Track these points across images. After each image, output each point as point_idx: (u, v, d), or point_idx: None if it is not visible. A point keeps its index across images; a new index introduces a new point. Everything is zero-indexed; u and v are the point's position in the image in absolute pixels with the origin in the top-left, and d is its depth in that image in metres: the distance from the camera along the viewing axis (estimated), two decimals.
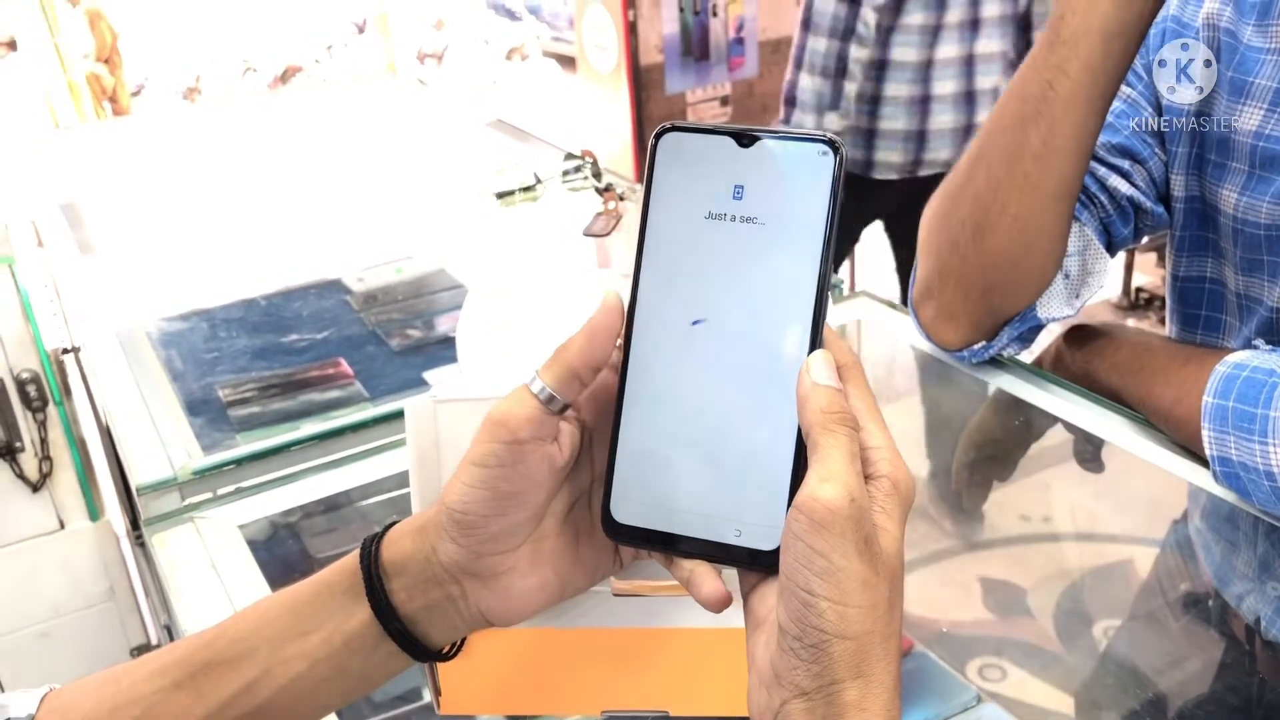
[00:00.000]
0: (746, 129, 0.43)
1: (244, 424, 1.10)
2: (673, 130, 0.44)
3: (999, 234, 0.85)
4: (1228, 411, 0.77)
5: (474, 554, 0.46)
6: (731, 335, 0.43)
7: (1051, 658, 0.82)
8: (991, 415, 1.02)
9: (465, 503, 0.45)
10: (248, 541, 0.87)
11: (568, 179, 1.54)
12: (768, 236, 0.42)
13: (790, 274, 0.42)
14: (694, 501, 0.43)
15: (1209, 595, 0.86)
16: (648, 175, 0.44)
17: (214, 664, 0.49)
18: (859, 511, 0.38)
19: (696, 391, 0.43)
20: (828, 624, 0.38)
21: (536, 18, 6.38)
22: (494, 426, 0.45)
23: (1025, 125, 0.82)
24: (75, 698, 0.52)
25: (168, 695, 0.49)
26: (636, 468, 0.44)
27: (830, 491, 0.38)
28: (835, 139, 0.42)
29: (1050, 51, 0.80)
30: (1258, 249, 0.85)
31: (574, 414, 0.46)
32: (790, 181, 0.42)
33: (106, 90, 4.48)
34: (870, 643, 0.38)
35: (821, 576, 0.38)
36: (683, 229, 0.43)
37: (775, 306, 0.42)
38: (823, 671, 0.38)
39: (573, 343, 0.45)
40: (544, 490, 0.46)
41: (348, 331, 1.32)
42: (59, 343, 1.45)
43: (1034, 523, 0.98)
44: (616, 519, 0.44)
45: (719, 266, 0.43)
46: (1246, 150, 0.84)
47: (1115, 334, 0.97)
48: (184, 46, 5.30)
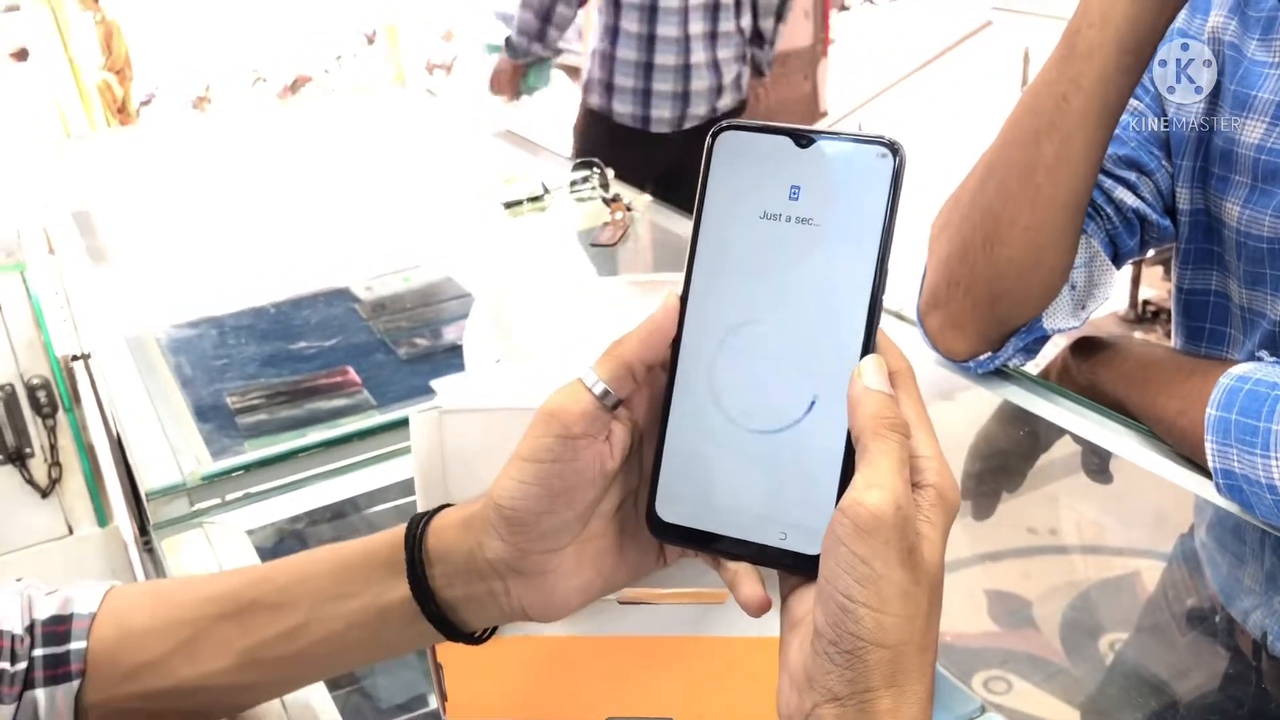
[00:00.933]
0: (805, 129, 0.43)
1: (252, 431, 1.11)
2: (730, 129, 0.44)
3: (1010, 245, 0.85)
4: (1230, 424, 0.77)
5: (521, 551, 0.46)
6: (783, 337, 0.42)
7: (1057, 670, 0.82)
8: (998, 426, 1.02)
9: (515, 499, 0.45)
10: (255, 547, 0.88)
11: (575, 189, 1.55)
12: (823, 238, 0.42)
13: (845, 277, 0.42)
14: (739, 502, 0.43)
15: (1215, 609, 0.86)
16: (704, 174, 0.44)
17: (259, 604, 0.52)
18: (904, 520, 0.38)
19: (746, 392, 0.42)
20: (865, 631, 0.38)
21: None
22: (548, 419, 0.44)
23: (1039, 138, 0.82)
24: (132, 605, 0.55)
25: (214, 623, 0.52)
26: (683, 466, 0.44)
27: (876, 497, 0.38)
28: (895, 141, 0.41)
29: (1065, 66, 0.80)
30: (1260, 262, 0.86)
31: (626, 414, 0.46)
32: (847, 183, 0.42)
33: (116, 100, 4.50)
34: (906, 653, 0.38)
35: (862, 583, 0.38)
36: (737, 228, 0.43)
37: (828, 309, 0.42)
38: (856, 678, 0.38)
39: (629, 338, 0.45)
40: (594, 489, 0.46)
41: (356, 339, 1.32)
42: (69, 349, 1.46)
43: (1040, 534, 0.98)
44: (662, 517, 0.44)
45: (772, 267, 0.42)
46: (1249, 163, 0.84)
47: (1121, 346, 0.97)
48: (194, 56, 5.33)
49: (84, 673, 0.53)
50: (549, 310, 0.70)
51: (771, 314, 0.42)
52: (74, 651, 0.53)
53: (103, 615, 0.55)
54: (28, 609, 0.55)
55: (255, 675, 0.53)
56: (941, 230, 0.92)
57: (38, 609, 0.55)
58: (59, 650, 0.53)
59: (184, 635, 0.52)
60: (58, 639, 0.54)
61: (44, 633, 0.54)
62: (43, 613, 0.55)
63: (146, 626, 0.54)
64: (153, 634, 0.53)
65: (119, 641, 0.54)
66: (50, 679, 0.53)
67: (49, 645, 0.53)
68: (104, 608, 0.55)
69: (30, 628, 0.54)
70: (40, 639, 0.54)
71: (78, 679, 0.53)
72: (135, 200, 1.84)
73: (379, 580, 0.50)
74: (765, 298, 0.43)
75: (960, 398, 1.01)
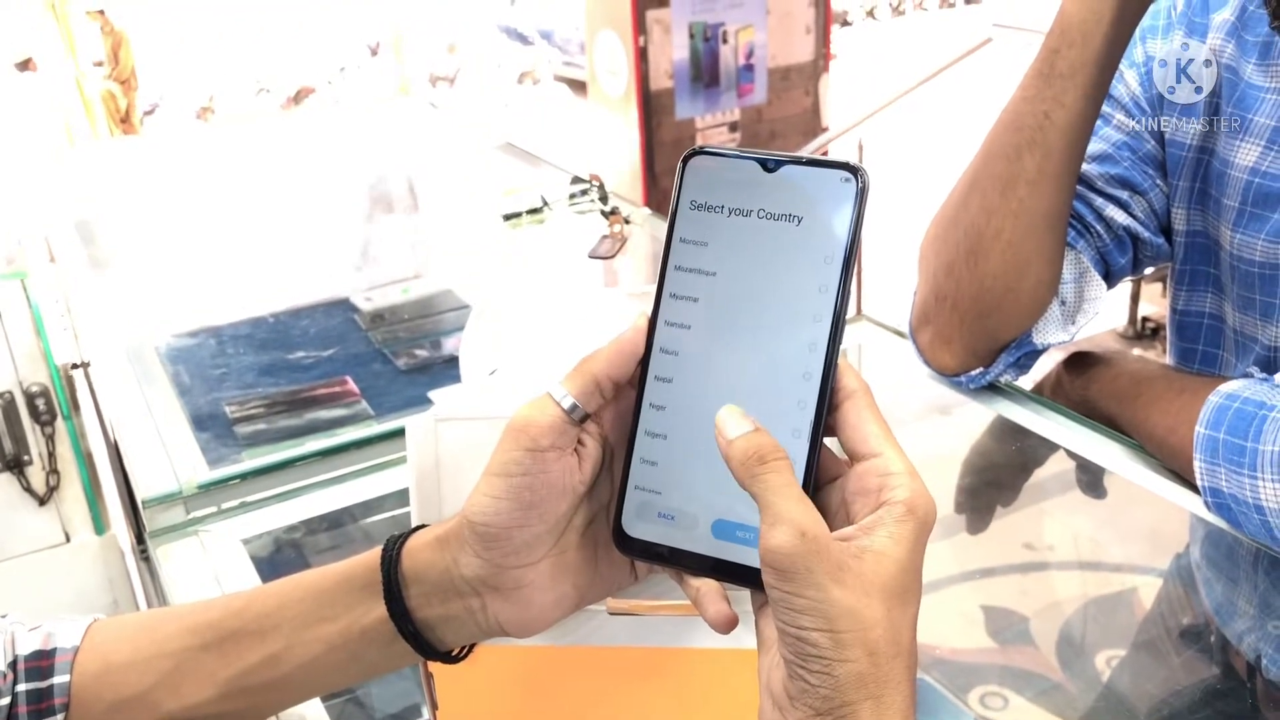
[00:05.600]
0: (772, 155, 0.44)
1: (250, 440, 1.11)
2: (700, 154, 0.45)
3: (993, 259, 0.86)
4: (1219, 444, 0.77)
5: (496, 567, 0.47)
6: (748, 358, 0.43)
7: (1053, 686, 0.82)
8: (991, 441, 1.02)
9: (487, 514, 0.46)
10: (251, 556, 0.88)
11: (574, 202, 1.55)
12: (788, 261, 0.43)
13: (808, 299, 0.42)
14: (700, 519, 0.43)
15: (1210, 627, 0.86)
16: (675, 197, 0.45)
17: (241, 633, 0.52)
18: (815, 544, 0.38)
19: (710, 410, 0.43)
20: (825, 651, 0.38)
21: (548, 42, 6.43)
22: (515, 433, 0.45)
23: (1020, 153, 0.84)
24: (115, 639, 0.55)
25: (197, 655, 0.53)
26: (649, 482, 0.44)
27: (780, 537, 0.38)
28: (859, 166, 0.42)
29: (1045, 85, 0.83)
30: (1251, 287, 0.86)
31: (597, 430, 0.47)
32: (812, 207, 0.43)
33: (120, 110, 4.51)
34: (878, 663, 0.38)
35: (804, 613, 0.38)
36: (705, 250, 0.44)
37: (792, 331, 0.43)
38: (832, 694, 0.38)
39: (599, 354, 0.45)
40: (565, 502, 0.46)
41: (354, 350, 1.33)
42: (69, 357, 1.46)
43: (1037, 551, 0.98)
44: (627, 532, 0.45)
45: (739, 289, 0.43)
46: (1241, 186, 0.85)
47: (1114, 361, 0.98)
48: (198, 67, 5.35)
49: (67, 707, 0.53)
50: (545, 322, 0.70)
51: (737, 336, 0.43)
52: (57, 686, 0.53)
53: (85, 649, 0.55)
54: (10, 645, 0.55)
55: (239, 703, 0.53)
56: (929, 246, 0.93)
57: (20, 644, 0.55)
58: (42, 685, 0.53)
59: (166, 668, 0.53)
60: (40, 674, 0.54)
61: (26, 668, 0.54)
62: (25, 648, 0.55)
63: (129, 661, 0.54)
64: (135, 668, 0.54)
65: (102, 676, 0.54)
66: (34, 714, 0.53)
67: (32, 680, 0.53)
68: (86, 642, 0.55)
69: (13, 663, 0.54)
70: (23, 674, 0.54)
71: (61, 713, 0.53)
72: (137, 209, 1.84)
73: (357, 603, 0.50)
74: (731, 319, 0.43)
75: (954, 412, 1.01)
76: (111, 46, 4.33)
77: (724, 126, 3.80)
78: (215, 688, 0.52)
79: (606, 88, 3.74)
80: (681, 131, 3.72)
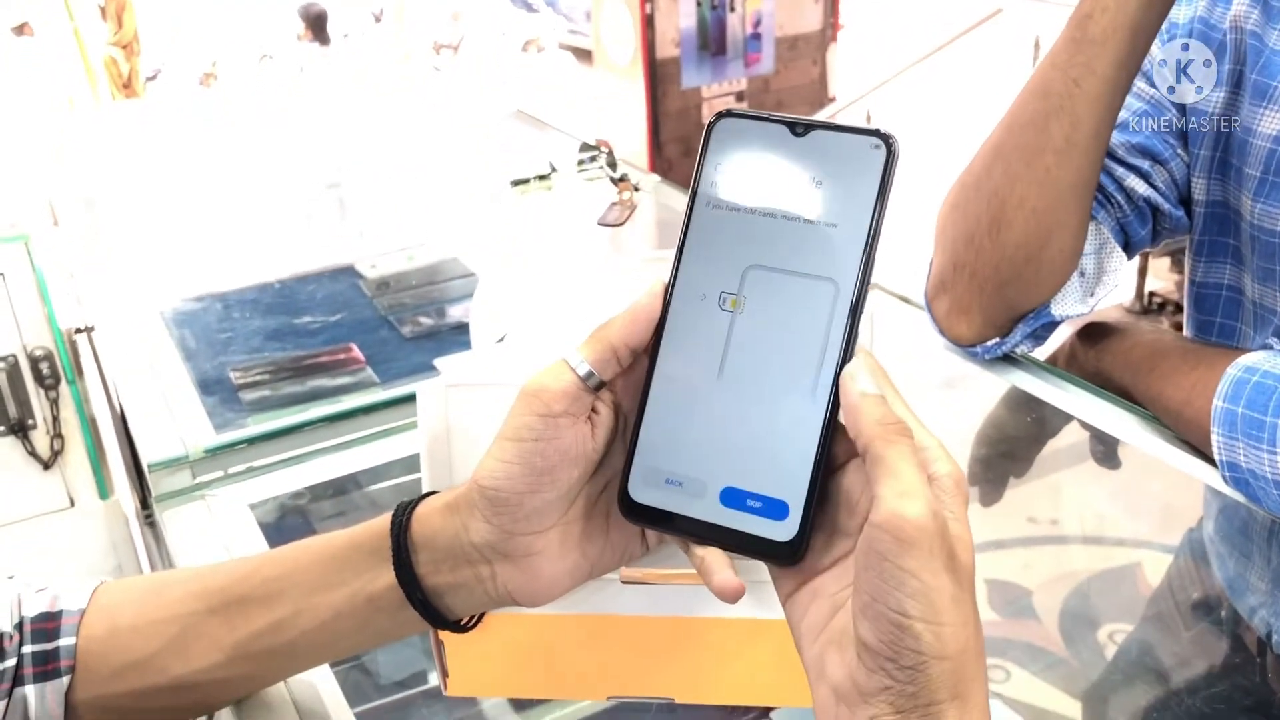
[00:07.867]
0: (802, 119, 0.43)
1: (255, 405, 1.11)
2: (728, 116, 0.44)
3: (1016, 228, 0.85)
4: (1237, 417, 0.76)
5: (506, 533, 0.46)
6: (765, 325, 0.42)
7: (1056, 660, 0.82)
8: (1005, 412, 1.02)
9: (498, 478, 0.45)
10: (258, 521, 0.87)
11: (583, 168, 1.54)
12: (812, 228, 0.42)
13: (832, 267, 0.42)
14: (712, 486, 0.43)
15: (1219, 601, 0.86)
16: (699, 159, 0.44)
17: (248, 599, 0.52)
18: (943, 526, 0.37)
19: (724, 378, 0.42)
20: (925, 645, 0.36)
21: (553, 10, 6.38)
22: (529, 398, 0.45)
23: (1048, 121, 0.82)
24: (121, 602, 0.55)
25: (203, 619, 0.53)
26: (658, 449, 0.44)
27: (916, 508, 0.37)
28: (889, 134, 0.41)
29: (1077, 50, 0.80)
30: (1272, 258, 0.85)
31: (610, 397, 0.46)
32: (839, 173, 0.42)
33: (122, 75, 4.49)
34: (966, 661, 0.37)
35: (914, 598, 0.36)
36: (728, 214, 0.43)
37: (813, 299, 0.42)
38: (919, 692, 0.37)
39: (615, 321, 0.45)
40: (577, 469, 0.46)
41: (360, 317, 1.32)
42: (73, 322, 1.46)
43: (1042, 524, 0.98)
44: (633, 498, 0.44)
45: (760, 255, 0.43)
46: (1264, 155, 0.83)
47: (1129, 332, 0.97)
48: (201, 32, 5.31)
49: (73, 669, 0.53)
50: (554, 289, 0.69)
51: (755, 302, 0.42)
52: (63, 648, 0.53)
53: (92, 612, 0.55)
54: (16, 606, 0.55)
55: (245, 668, 0.53)
56: (948, 214, 0.91)
57: (26, 606, 0.55)
58: (48, 647, 0.53)
59: (173, 632, 0.53)
60: (46, 635, 0.54)
61: (33, 629, 0.54)
62: (31, 610, 0.55)
63: (135, 624, 0.54)
64: (142, 631, 0.53)
65: (108, 639, 0.54)
66: (39, 675, 0.53)
67: (38, 642, 0.53)
68: (93, 604, 0.55)
69: (19, 625, 0.54)
70: (29, 636, 0.54)
71: (67, 675, 0.53)
72: (140, 174, 1.83)
73: (366, 569, 0.50)
74: (750, 286, 0.43)
75: (967, 383, 1.00)
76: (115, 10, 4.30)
77: (730, 96, 3.77)
78: (222, 652, 0.52)
79: (613, 56, 3.71)
80: (687, 101, 3.70)
